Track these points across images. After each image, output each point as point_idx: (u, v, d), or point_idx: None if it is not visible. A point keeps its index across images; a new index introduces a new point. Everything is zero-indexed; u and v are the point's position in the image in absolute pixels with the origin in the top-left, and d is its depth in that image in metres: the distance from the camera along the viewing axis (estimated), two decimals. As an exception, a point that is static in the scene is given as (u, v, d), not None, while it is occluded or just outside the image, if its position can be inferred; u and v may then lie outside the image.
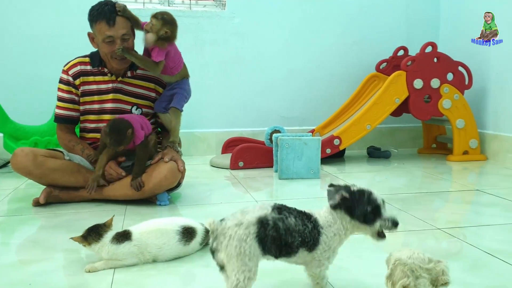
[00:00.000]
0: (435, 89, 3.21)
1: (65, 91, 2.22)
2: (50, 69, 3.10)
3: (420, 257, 1.01)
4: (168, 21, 2.13)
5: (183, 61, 2.27)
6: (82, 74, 2.21)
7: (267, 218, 1.09)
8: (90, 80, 2.21)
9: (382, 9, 3.76)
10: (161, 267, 1.42)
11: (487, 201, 2.20)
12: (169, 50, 2.16)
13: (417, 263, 1.00)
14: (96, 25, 2.08)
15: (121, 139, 2.00)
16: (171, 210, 2.07)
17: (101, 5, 2.08)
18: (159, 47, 2.12)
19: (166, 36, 2.12)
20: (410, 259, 1.00)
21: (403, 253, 1.03)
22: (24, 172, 2.10)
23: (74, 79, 2.20)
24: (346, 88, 3.71)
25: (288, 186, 2.54)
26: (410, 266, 1.00)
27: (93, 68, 2.21)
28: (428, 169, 3.01)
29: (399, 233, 1.74)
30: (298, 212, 1.16)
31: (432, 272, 1.00)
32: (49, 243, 1.65)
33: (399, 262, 1.01)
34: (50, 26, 3.24)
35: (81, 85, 2.21)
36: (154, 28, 2.10)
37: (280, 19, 3.61)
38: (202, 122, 3.55)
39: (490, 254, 1.50)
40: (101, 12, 2.05)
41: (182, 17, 3.42)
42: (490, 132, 3.33)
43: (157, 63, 2.14)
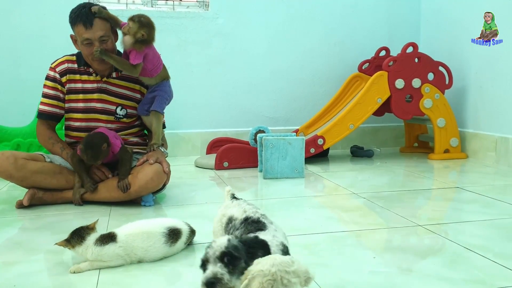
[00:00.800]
0: (416, 88, 3.26)
1: (50, 87, 2.22)
2: (32, 70, 3.09)
3: (284, 261, 0.94)
4: (145, 24, 2.13)
5: (162, 63, 2.28)
6: (69, 71, 2.22)
7: None
8: (76, 78, 2.22)
9: (364, 10, 3.80)
10: (146, 267, 1.43)
11: (467, 198, 2.25)
12: (147, 52, 2.17)
13: (282, 268, 0.92)
14: (75, 28, 2.11)
15: (97, 155, 2.03)
16: (156, 211, 2.07)
17: (79, 7, 2.11)
18: (137, 49, 2.13)
19: (143, 39, 2.12)
20: (273, 267, 0.92)
21: (264, 262, 0.94)
22: (5, 175, 2.09)
23: (60, 76, 2.21)
24: (329, 88, 3.74)
25: (272, 186, 2.56)
26: (275, 275, 0.92)
27: (79, 67, 2.22)
28: (410, 167, 3.05)
29: (382, 230, 1.77)
30: None
31: (299, 273, 0.95)
32: (33, 245, 1.64)
33: (258, 273, 0.92)
34: (32, 27, 3.21)
35: (67, 83, 2.22)
36: (131, 31, 2.11)
37: (264, 19, 3.63)
38: (186, 122, 3.55)
39: (470, 250, 1.54)
40: (79, 15, 2.08)
41: (166, 18, 3.43)
42: (470, 130, 3.39)
43: (135, 65, 2.14)
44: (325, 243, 1.62)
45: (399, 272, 1.37)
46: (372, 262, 1.45)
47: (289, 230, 1.74)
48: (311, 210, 2.07)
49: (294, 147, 2.75)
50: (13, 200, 2.16)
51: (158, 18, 3.37)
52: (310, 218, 1.93)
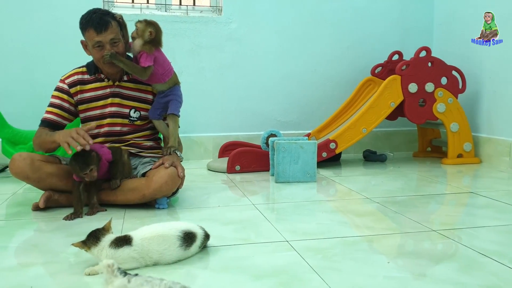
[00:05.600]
0: (430, 93, 3.24)
1: (55, 97, 2.27)
2: (47, 75, 3.14)
3: None
4: (151, 22, 2.20)
5: (173, 68, 2.31)
6: (80, 82, 2.26)
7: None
8: (87, 88, 2.26)
9: (377, 14, 3.80)
10: (161, 269, 1.44)
11: (481, 203, 2.23)
12: (156, 56, 2.21)
13: None
14: (86, 33, 2.15)
15: (88, 160, 1.99)
16: (169, 214, 2.08)
17: (90, 13, 2.16)
18: (147, 51, 2.17)
19: (151, 38, 2.17)
20: None
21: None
22: (22, 176, 2.12)
23: (69, 87, 2.25)
24: (341, 92, 3.74)
25: (284, 190, 2.57)
26: None
27: (90, 76, 2.26)
28: (423, 172, 3.04)
29: (395, 235, 1.77)
30: None
31: None
32: (49, 247, 1.66)
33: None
34: (46, 32, 3.26)
35: (78, 93, 2.26)
36: (139, 32, 2.17)
37: (276, 24, 3.64)
38: (199, 126, 3.57)
39: (485, 255, 1.53)
40: (89, 20, 2.13)
41: (179, 22, 3.45)
42: (484, 135, 3.37)
43: (145, 68, 2.17)
44: (338, 247, 1.62)
45: (413, 277, 1.37)
46: (386, 267, 1.45)
47: (302, 235, 1.75)
48: (323, 214, 2.07)
49: (306, 151, 2.75)
50: (29, 202, 2.19)
51: (172, 23, 3.41)
52: (322, 222, 1.93)
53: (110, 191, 2.15)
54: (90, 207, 2.08)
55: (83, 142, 1.95)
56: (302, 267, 1.44)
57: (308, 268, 1.43)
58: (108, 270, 1.12)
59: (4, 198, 2.38)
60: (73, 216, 2.00)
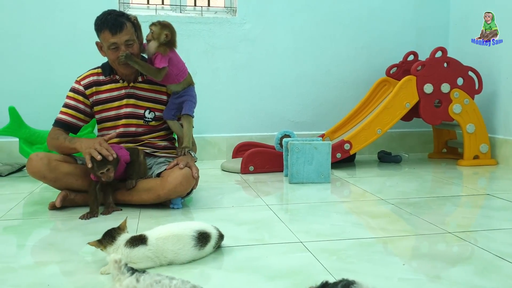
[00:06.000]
0: (445, 93, 3.21)
1: (71, 98, 2.29)
2: (64, 76, 3.16)
3: None
4: (167, 25, 2.22)
5: (187, 69, 2.32)
6: (95, 84, 2.28)
7: None
8: (103, 89, 2.28)
9: (391, 14, 3.78)
10: (175, 268, 1.45)
11: (498, 205, 2.20)
12: (171, 57, 2.22)
13: None
14: (101, 34, 2.17)
15: (105, 159, 1.99)
16: (184, 214, 2.10)
17: (105, 14, 2.18)
18: (162, 53, 2.19)
19: (167, 40, 2.19)
20: None
21: None
22: (38, 176, 2.14)
23: (85, 89, 2.27)
24: (356, 92, 3.72)
25: (298, 190, 2.56)
26: None
27: (105, 77, 2.28)
28: (438, 173, 3.01)
29: (410, 237, 1.76)
30: None
31: None
32: (65, 245, 1.68)
33: None
34: (64, 33, 3.30)
35: (94, 95, 2.28)
36: (155, 34, 2.19)
37: (290, 24, 3.63)
38: (213, 127, 3.58)
39: (501, 258, 1.51)
40: (105, 21, 2.15)
41: (194, 23, 3.47)
42: (500, 136, 3.33)
43: (160, 69, 2.19)
44: (353, 249, 1.61)
45: (428, 279, 1.36)
46: (401, 269, 1.44)
47: (316, 236, 1.75)
48: (337, 215, 2.06)
49: (320, 152, 2.74)
50: (46, 202, 2.22)
51: (187, 24, 3.43)
52: (337, 223, 1.93)
53: (125, 191, 2.17)
54: (106, 207, 2.11)
55: (106, 153, 2.00)
56: (316, 269, 1.44)
57: (322, 270, 1.43)
58: (115, 266, 1.11)
59: (21, 197, 2.42)
60: (89, 215, 2.02)
